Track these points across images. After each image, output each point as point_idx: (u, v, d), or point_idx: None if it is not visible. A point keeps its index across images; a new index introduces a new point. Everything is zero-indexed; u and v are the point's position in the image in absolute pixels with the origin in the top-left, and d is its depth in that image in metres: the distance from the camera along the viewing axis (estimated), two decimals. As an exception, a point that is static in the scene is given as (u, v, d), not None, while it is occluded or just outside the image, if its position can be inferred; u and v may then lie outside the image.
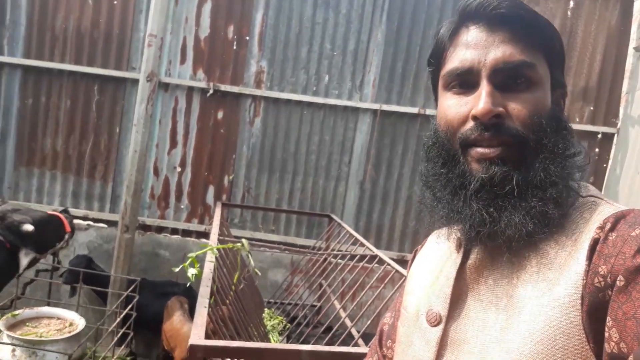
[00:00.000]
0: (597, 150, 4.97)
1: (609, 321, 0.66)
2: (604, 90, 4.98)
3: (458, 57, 0.83)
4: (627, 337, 0.63)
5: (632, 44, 4.94)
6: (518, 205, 0.76)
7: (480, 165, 0.79)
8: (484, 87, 0.79)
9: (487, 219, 0.77)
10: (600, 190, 4.87)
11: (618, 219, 0.72)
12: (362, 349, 1.64)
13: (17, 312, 3.62)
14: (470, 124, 0.80)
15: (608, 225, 0.71)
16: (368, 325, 2.98)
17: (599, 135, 4.95)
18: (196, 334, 1.39)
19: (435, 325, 0.85)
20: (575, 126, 4.91)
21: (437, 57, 0.89)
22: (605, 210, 0.76)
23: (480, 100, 0.78)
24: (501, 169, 0.77)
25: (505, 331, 0.75)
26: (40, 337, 3.33)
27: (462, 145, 0.82)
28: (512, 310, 0.75)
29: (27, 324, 3.61)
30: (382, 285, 3.12)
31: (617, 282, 0.66)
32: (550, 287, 0.73)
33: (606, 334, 0.66)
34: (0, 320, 3.49)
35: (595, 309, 0.68)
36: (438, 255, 0.94)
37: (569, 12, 4.98)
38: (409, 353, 0.89)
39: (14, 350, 3.17)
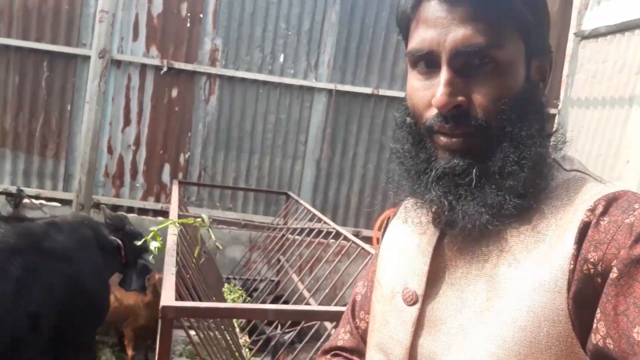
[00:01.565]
0: (544, 100, 5.26)
1: (597, 313, 0.64)
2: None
3: (419, 37, 0.76)
4: (615, 334, 0.61)
5: (572, 30, 5.23)
6: (475, 195, 0.73)
7: (443, 154, 0.76)
8: (443, 75, 0.73)
9: (445, 206, 0.75)
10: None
11: (610, 202, 0.67)
12: (325, 307, 1.76)
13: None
14: (434, 111, 0.75)
15: (600, 208, 0.67)
16: (324, 298, 3.12)
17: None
18: (167, 296, 1.48)
19: (411, 305, 0.81)
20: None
21: (403, 29, 0.83)
22: (593, 189, 0.71)
23: (438, 90, 0.73)
24: (463, 161, 0.74)
25: (486, 313, 0.72)
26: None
27: (427, 132, 0.78)
28: (493, 292, 0.72)
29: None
30: (338, 258, 3.27)
31: (610, 274, 0.63)
32: (533, 269, 0.69)
33: (594, 325, 0.64)
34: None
35: (582, 296, 0.66)
36: (413, 228, 0.88)
37: None
38: (384, 332, 0.86)
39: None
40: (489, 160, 0.73)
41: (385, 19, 5.11)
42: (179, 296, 1.90)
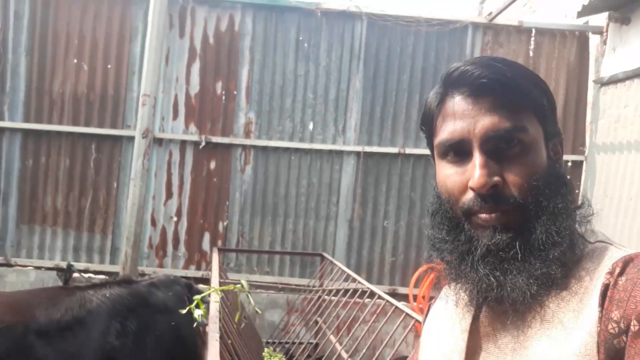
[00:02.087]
0: (568, 177, 5.28)
1: None
2: (570, 121, 5.36)
3: (448, 129, 0.83)
4: None
5: (591, 77, 5.36)
6: (522, 268, 0.76)
7: (484, 232, 0.80)
8: (477, 159, 0.79)
9: (494, 283, 0.78)
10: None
11: (627, 263, 0.72)
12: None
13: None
14: (470, 194, 0.80)
15: (617, 270, 0.71)
16: (363, 357, 3.16)
17: (569, 163, 5.29)
18: (211, 362, 1.61)
19: None
20: (545, 156, 5.24)
21: (428, 125, 0.90)
22: (613, 255, 0.76)
23: (475, 173, 0.78)
24: (505, 236, 0.77)
25: None
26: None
27: (464, 214, 0.82)
28: None
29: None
30: (373, 318, 3.32)
31: (632, 327, 0.66)
32: (565, 337, 0.73)
33: None
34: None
35: (611, 356, 0.68)
36: (450, 309, 0.93)
37: (530, 52, 5.40)
38: None
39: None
40: (531, 234, 0.78)
41: (406, 82, 5.37)
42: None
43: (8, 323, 2.43)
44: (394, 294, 5.01)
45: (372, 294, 3.45)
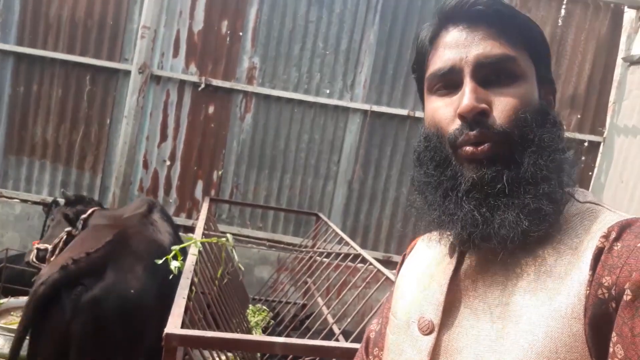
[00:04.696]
0: (583, 158, 5.03)
1: (613, 336, 0.64)
2: (592, 99, 5.05)
3: (440, 59, 0.82)
4: (634, 355, 0.61)
5: (620, 54, 5.01)
6: (511, 203, 0.74)
7: (470, 166, 0.78)
8: (467, 84, 0.78)
9: (479, 219, 0.75)
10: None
11: (623, 228, 0.69)
12: (335, 343, 1.67)
13: (2, 300, 3.62)
14: (457, 123, 0.79)
15: (613, 235, 0.69)
16: (349, 323, 3.01)
17: (586, 144, 5.02)
18: (172, 322, 1.41)
19: (427, 334, 0.82)
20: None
21: (420, 63, 0.89)
22: (607, 218, 0.74)
23: (464, 97, 0.77)
24: (491, 169, 0.75)
25: (502, 341, 0.72)
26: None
27: (452, 146, 0.80)
28: (509, 319, 0.73)
29: (12, 313, 3.61)
30: (364, 285, 3.16)
31: (624, 297, 0.64)
32: (550, 297, 0.70)
33: (610, 349, 0.64)
34: (-16, 309, 3.49)
35: (597, 322, 0.66)
36: (428, 260, 0.91)
37: (559, 21, 5.04)
38: None
39: (-3, 338, 3.17)
40: (519, 167, 0.75)
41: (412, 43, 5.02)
42: (191, 322, 1.84)
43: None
44: (388, 262, 4.84)
45: (364, 260, 3.26)
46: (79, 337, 1.84)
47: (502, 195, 0.75)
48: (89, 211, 3.26)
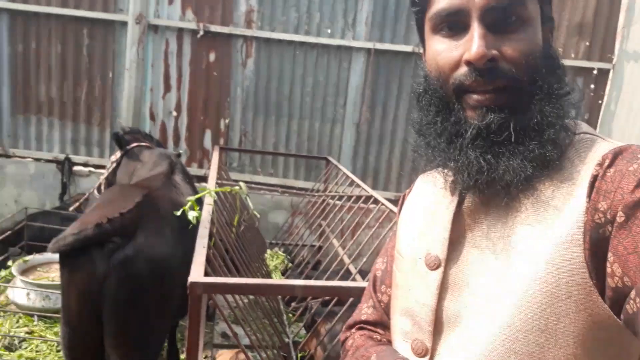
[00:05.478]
0: (592, 86, 4.95)
1: (610, 256, 0.67)
2: (600, 26, 4.90)
3: None
4: (630, 271, 0.64)
5: (630, -25, 4.82)
6: (516, 150, 0.75)
7: (476, 112, 0.77)
8: (476, 30, 0.75)
9: (484, 166, 0.76)
10: (595, 126, 4.90)
11: (616, 155, 0.71)
12: (351, 283, 1.74)
13: (27, 257, 3.75)
14: (464, 68, 0.77)
15: (607, 162, 0.71)
16: (365, 262, 3.10)
17: (595, 71, 4.92)
18: (196, 271, 1.47)
19: (434, 269, 0.84)
20: (571, 62, 4.87)
21: None
22: (602, 147, 0.75)
23: (473, 43, 0.74)
24: (498, 116, 0.75)
25: (506, 271, 0.75)
26: (52, 281, 3.46)
27: (456, 92, 0.79)
28: (512, 251, 0.75)
29: (39, 269, 3.75)
30: (377, 224, 3.22)
31: (617, 218, 0.66)
32: (550, 226, 0.72)
33: (608, 269, 0.67)
34: (13, 265, 3.62)
35: (596, 245, 0.69)
36: (430, 198, 0.92)
37: (568, -58, 4.82)
38: (409, 297, 0.89)
39: (28, 294, 3.31)
40: (525, 114, 0.75)
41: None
42: (213, 269, 1.91)
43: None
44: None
45: (376, 201, 3.31)
46: (112, 295, 1.91)
47: (508, 143, 0.75)
48: (132, 145, 3.32)
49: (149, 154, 3.22)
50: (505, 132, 0.75)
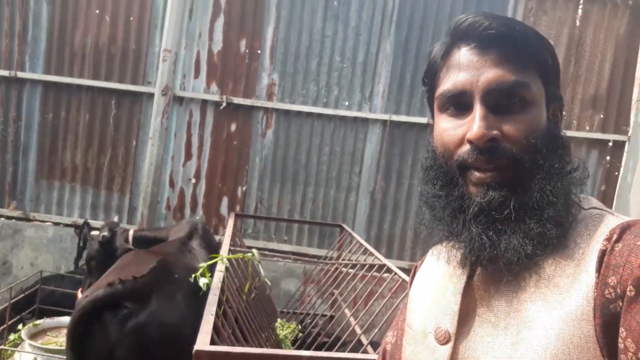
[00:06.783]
0: (608, 158, 4.96)
1: (622, 332, 0.66)
2: (614, 98, 4.98)
3: (451, 80, 0.83)
4: None
5: (642, 51, 4.94)
6: (517, 228, 0.76)
7: (478, 189, 0.79)
8: (477, 111, 0.79)
9: (486, 242, 0.77)
10: (612, 198, 4.86)
11: (624, 230, 0.72)
12: (361, 355, 1.70)
13: (38, 321, 3.74)
14: (466, 147, 0.80)
15: (614, 236, 0.71)
16: (376, 334, 3.02)
17: (610, 144, 4.95)
18: (201, 339, 1.46)
19: (444, 344, 0.84)
20: (586, 134, 4.92)
21: (431, 77, 0.90)
22: (610, 222, 0.76)
23: (474, 124, 0.78)
24: (499, 194, 0.77)
25: (517, 347, 0.74)
26: (61, 346, 3.43)
27: (459, 168, 0.81)
28: (522, 325, 0.75)
29: (48, 333, 3.73)
30: (390, 294, 3.17)
31: (628, 292, 0.66)
32: (560, 301, 0.72)
33: (621, 345, 0.66)
34: (23, 329, 3.61)
35: (607, 321, 0.68)
36: (441, 271, 0.92)
37: (577, 21, 5.00)
38: None
39: (35, 358, 3.28)
40: (525, 193, 0.77)
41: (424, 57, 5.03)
42: (220, 338, 1.89)
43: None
44: (414, 270, 4.83)
45: (389, 270, 3.27)
46: None
47: (509, 220, 0.77)
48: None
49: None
50: (506, 209, 0.77)
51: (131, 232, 3.44)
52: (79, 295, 3.37)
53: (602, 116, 4.99)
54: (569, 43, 4.98)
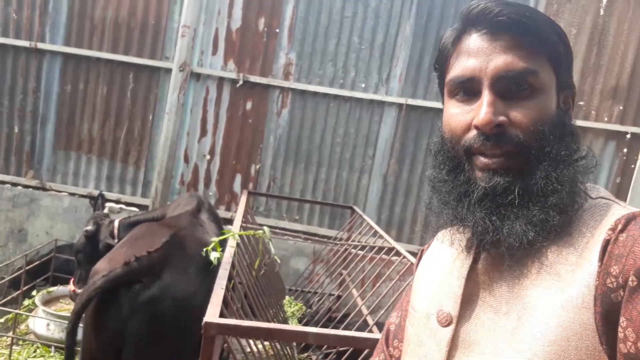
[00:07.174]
0: (625, 150, 4.90)
1: (622, 321, 0.66)
2: (635, 90, 4.90)
3: (460, 65, 0.83)
4: None
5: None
6: (520, 214, 0.77)
7: (483, 174, 0.80)
8: (485, 97, 0.79)
9: (489, 227, 0.78)
10: (627, 190, 4.81)
11: (629, 220, 0.72)
12: (367, 334, 1.73)
13: (51, 289, 3.84)
14: (473, 132, 0.80)
15: (619, 226, 0.72)
16: (382, 315, 3.06)
17: (628, 135, 4.88)
18: (211, 311, 1.50)
19: (446, 326, 0.85)
20: (604, 125, 4.86)
21: (442, 63, 0.90)
22: (616, 212, 0.76)
23: (482, 110, 0.78)
24: (503, 179, 0.78)
25: (517, 332, 0.75)
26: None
27: (466, 153, 0.82)
28: (523, 311, 0.76)
29: (61, 300, 3.83)
30: (397, 277, 3.20)
31: (630, 282, 0.66)
32: (562, 288, 0.73)
33: (620, 334, 0.66)
34: (37, 296, 3.71)
35: (608, 310, 0.69)
36: (446, 255, 0.94)
37: (601, 10, 4.90)
38: (419, 353, 0.89)
39: (48, 324, 3.37)
40: (530, 179, 0.78)
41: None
42: (229, 311, 1.93)
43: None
44: (423, 255, 4.85)
45: (398, 253, 3.30)
46: (134, 333, 1.94)
47: (513, 206, 0.78)
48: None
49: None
50: (510, 195, 0.77)
51: (116, 223, 3.44)
52: (71, 286, 3.41)
53: (621, 108, 4.91)
54: (592, 32, 4.89)
